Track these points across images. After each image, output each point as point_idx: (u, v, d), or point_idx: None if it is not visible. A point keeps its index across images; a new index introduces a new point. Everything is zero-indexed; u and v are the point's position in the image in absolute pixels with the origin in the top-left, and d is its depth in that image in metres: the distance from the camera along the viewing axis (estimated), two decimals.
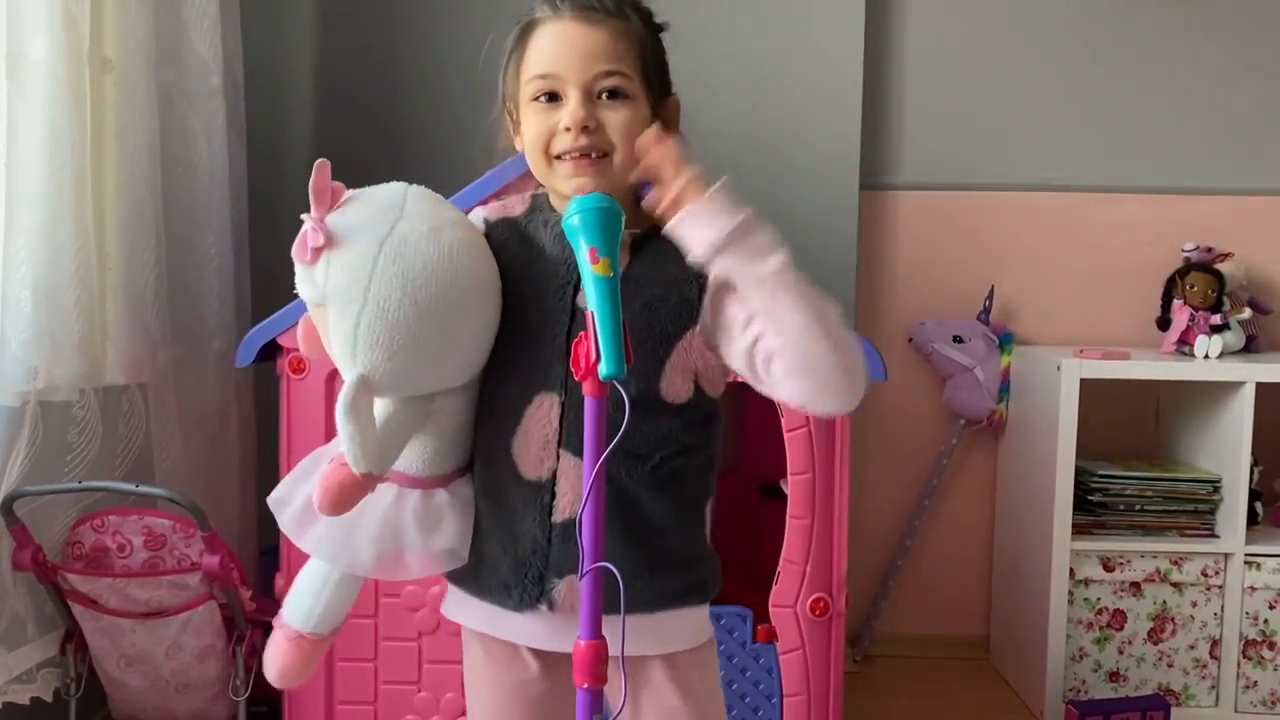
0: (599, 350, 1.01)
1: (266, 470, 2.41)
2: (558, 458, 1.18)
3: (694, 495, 1.23)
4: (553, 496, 1.19)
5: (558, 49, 1.17)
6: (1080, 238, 2.95)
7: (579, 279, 1.16)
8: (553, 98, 1.17)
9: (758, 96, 2.82)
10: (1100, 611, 2.60)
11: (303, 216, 1.15)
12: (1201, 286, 2.73)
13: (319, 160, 1.14)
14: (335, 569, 1.25)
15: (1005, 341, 2.89)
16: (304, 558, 2.09)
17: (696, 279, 1.16)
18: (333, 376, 2.04)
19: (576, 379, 1.04)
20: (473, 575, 1.25)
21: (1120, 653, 2.61)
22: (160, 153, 2.20)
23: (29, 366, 1.85)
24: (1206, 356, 2.66)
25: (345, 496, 1.14)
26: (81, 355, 1.95)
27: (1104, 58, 2.93)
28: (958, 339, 2.87)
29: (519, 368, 1.20)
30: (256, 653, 2.11)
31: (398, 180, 1.22)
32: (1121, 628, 2.60)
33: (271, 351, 2.07)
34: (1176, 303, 2.76)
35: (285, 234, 3.20)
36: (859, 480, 2.42)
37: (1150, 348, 2.82)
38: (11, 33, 1.82)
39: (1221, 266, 2.77)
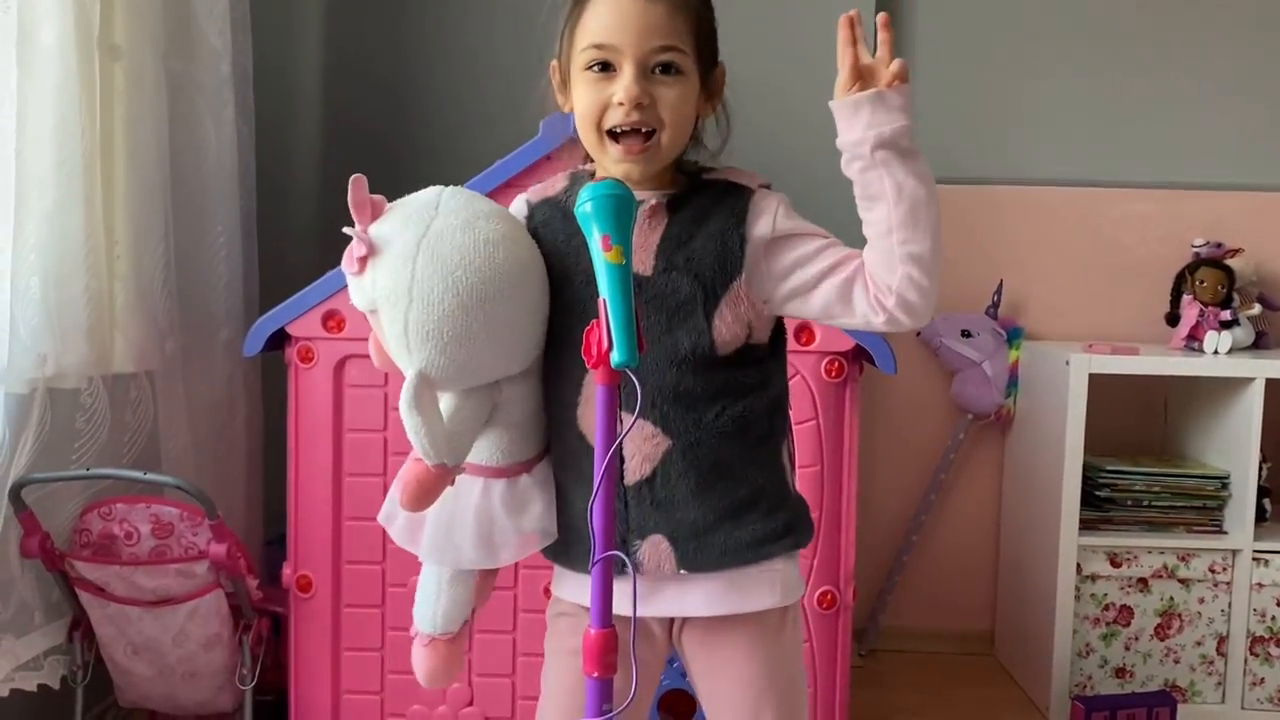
0: (611, 338, 1.01)
1: (274, 459, 2.41)
2: (622, 420, 1.18)
3: (766, 436, 1.23)
4: (622, 460, 1.20)
5: (615, 20, 1.17)
6: (1089, 233, 2.94)
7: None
8: (605, 67, 1.18)
9: (767, 88, 2.81)
10: (1107, 607, 2.59)
11: (346, 230, 1.18)
12: (1211, 282, 2.72)
13: (355, 176, 1.17)
14: (444, 570, 1.29)
15: (1013, 336, 2.88)
16: (312, 549, 2.10)
17: (738, 229, 1.19)
18: (340, 366, 2.04)
19: (588, 366, 1.04)
20: (564, 549, 1.27)
21: (1127, 649, 2.60)
22: (169, 141, 2.20)
23: (38, 354, 1.85)
24: (1216, 352, 2.65)
25: (424, 490, 1.17)
26: (90, 343, 1.94)
27: (1114, 52, 2.92)
28: (966, 333, 2.87)
29: (573, 338, 1.20)
30: (263, 641, 2.12)
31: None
32: (1128, 624, 2.60)
33: (280, 340, 2.07)
34: (1186, 298, 2.75)
35: (294, 223, 3.21)
36: (865, 474, 2.41)
37: (1159, 343, 2.81)
38: (22, 19, 1.82)
39: (1231, 262, 2.76)
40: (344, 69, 2.84)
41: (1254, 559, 2.55)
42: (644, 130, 1.17)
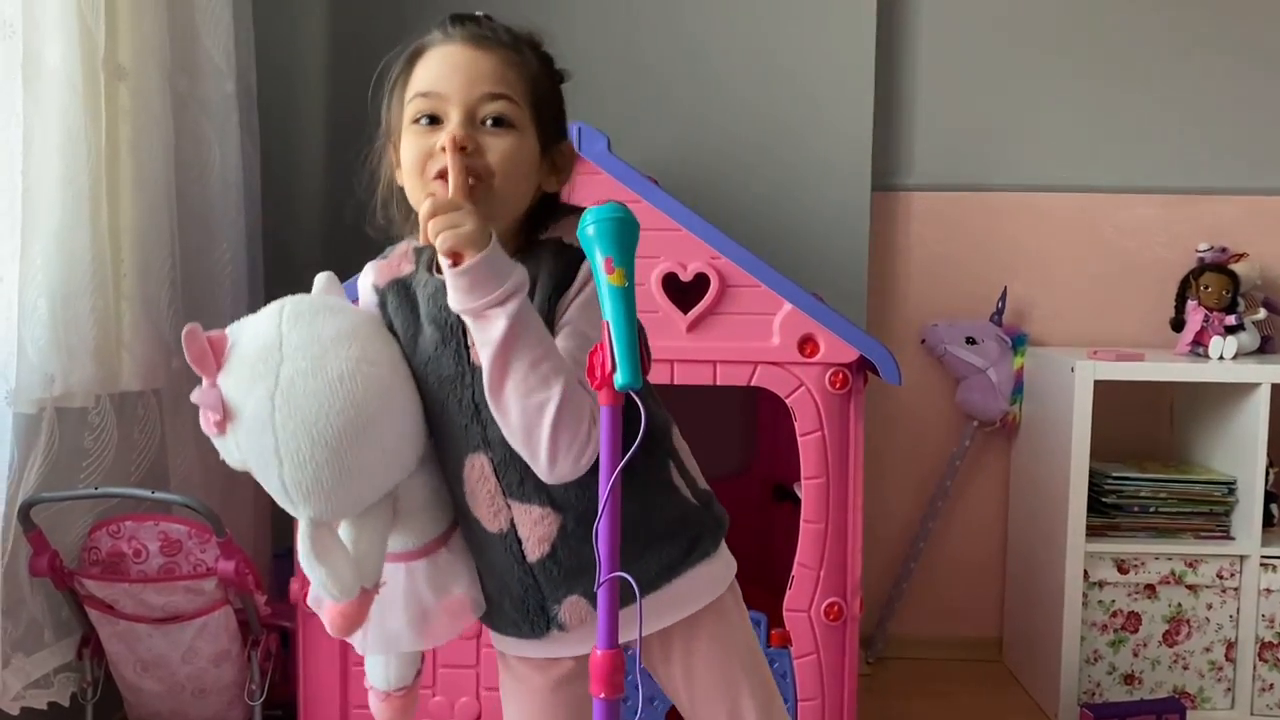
0: (614, 360, 1.01)
1: None
2: (509, 508, 1.19)
3: (649, 471, 1.22)
4: (519, 542, 1.20)
5: (442, 70, 1.15)
6: (1093, 238, 2.94)
7: (467, 335, 1.14)
8: (434, 120, 1.14)
9: (769, 98, 2.82)
10: (1115, 614, 2.59)
11: (193, 396, 1.12)
12: (1216, 287, 2.71)
13: (187, 328, 1.10)
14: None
15: (1018, 343, 2.88)
16: None
17: (559, 292, 1.15)
18: None
19: (592, 388, 1.04)
20: (486, 615, 1.28)
21: (1135, 655, 2.60)
22: (174, 159, 2.21)
23: (45, 373, 1.86)
24: (1221, 358, 2.64)
25: (350, 622, 1.16)
26: (97, 362, 1.95)
27: (1117, 57, 2.92)
28: (970, 340, 2.87)
29: (443, 435, 1.20)
30: (271, 657, 2.12)
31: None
32: (1136, 630, 2.59)
33: None
34: (1191, 303, 2.75)
35: (299, 240, 3.22)
36: (871, 482, 2.42)
37: (1164, 349, 2.80)
38: (27, 41, 1.83)
39: (1236, 267, 2.76)
40: (348, 85, 2.85)
41: (1262, 564, 2.54)
42: (471, 179, 1.11)
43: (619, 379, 1.01)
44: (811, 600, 2.02)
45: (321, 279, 1.21)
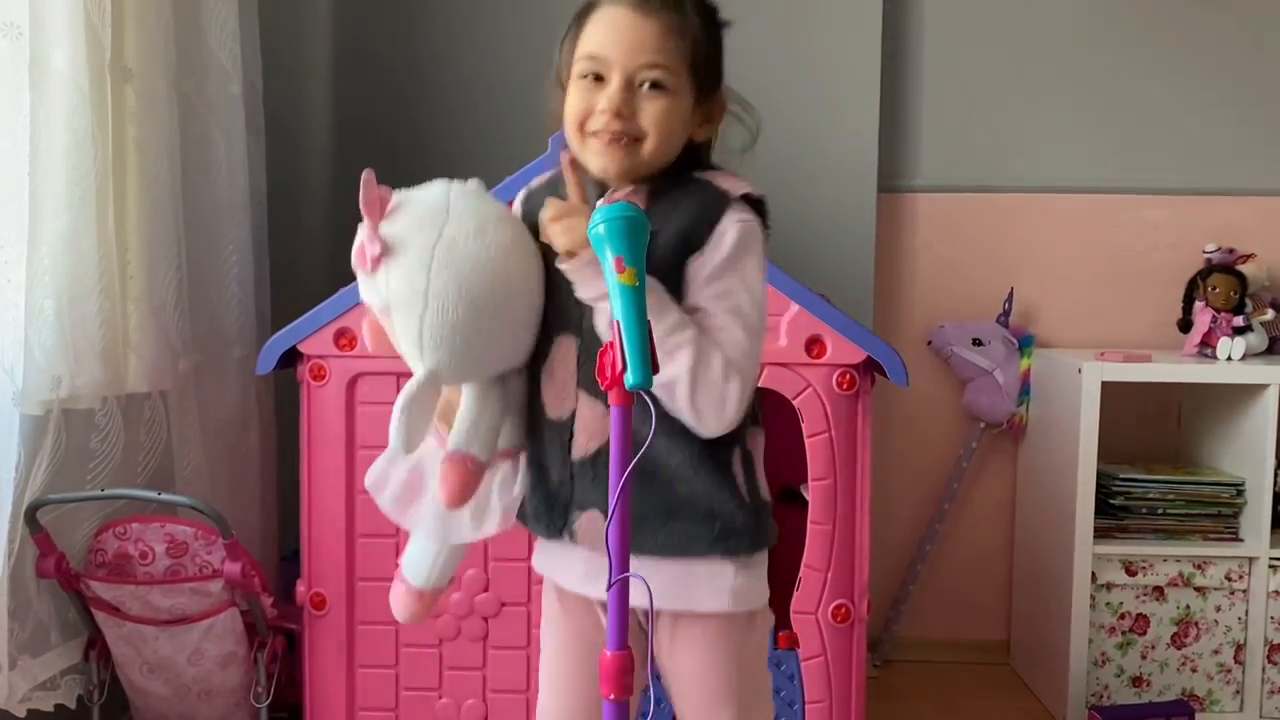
0: (625, 360, 1.01)
1: (287, 477, 2.41)
2: (576, 397, 1.24)
3: (714, 443, 1.24)
4: (571, 435, 1.24)
5: (609, 34, 1.22)
6: (1100, 239, 2.94)
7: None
8: (598, 78, 1.22)
9: (775, 99, 2.80)
10: (1123, 616, 2.58)
11: (360, 228, 1.21)
12: (1223, 288, 2.71)
13: (365, 172, 1.20)
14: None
15: (1025, 344, 2.87)
16: (326, 566, 2.10)
17: (698, 230, 1.21)
18: (353, 383, 2.05)
19: (602, 388, 1.05)
20: (520, 511, 1.33)
21: (1143, 658, 2.59)
22: (181, 161, 2.21)
23: (52, 375, 1.86)
24: (1229, 359, 2.64)
25: (467, 488, 1.21)
26: (104, 363, 1.95)
27: (1123, 58, 2.91)
28: (977, 342, 2.86)
29: (546, 311, 1.27)
30: (278, 659, 2.12)
31: (419, 180, 1.27)
32: (1144, 632, 2.58)
33: (292, 358, 2.08)
34: (1198, 304, 2.74)
35: (305, 241, 3.21)
36: (878, 485, 2.41)
37: (1172, 350, 2.80)
38: (34, 43, 1.83)
39: (1243, 268, 2.75)
40: (354, 86, 2.85)
41: (1270, 566, 2.54)
42: (625, 138, 1.22)
43: (630, 379, 1.01)
44: (819, 602, 2.01)
45: (474, 181, 1.31)
